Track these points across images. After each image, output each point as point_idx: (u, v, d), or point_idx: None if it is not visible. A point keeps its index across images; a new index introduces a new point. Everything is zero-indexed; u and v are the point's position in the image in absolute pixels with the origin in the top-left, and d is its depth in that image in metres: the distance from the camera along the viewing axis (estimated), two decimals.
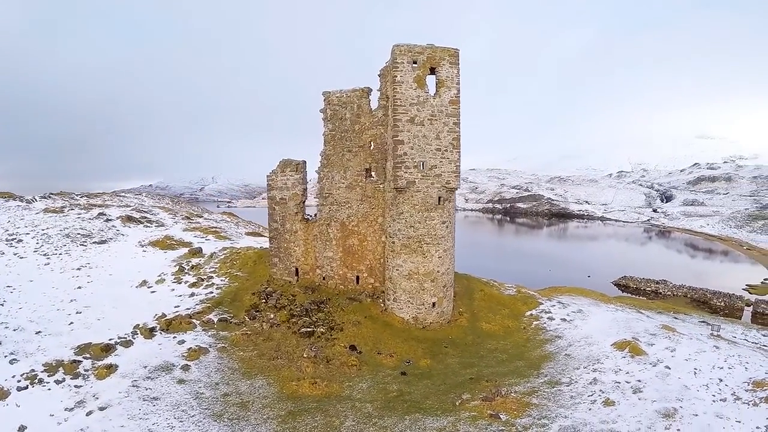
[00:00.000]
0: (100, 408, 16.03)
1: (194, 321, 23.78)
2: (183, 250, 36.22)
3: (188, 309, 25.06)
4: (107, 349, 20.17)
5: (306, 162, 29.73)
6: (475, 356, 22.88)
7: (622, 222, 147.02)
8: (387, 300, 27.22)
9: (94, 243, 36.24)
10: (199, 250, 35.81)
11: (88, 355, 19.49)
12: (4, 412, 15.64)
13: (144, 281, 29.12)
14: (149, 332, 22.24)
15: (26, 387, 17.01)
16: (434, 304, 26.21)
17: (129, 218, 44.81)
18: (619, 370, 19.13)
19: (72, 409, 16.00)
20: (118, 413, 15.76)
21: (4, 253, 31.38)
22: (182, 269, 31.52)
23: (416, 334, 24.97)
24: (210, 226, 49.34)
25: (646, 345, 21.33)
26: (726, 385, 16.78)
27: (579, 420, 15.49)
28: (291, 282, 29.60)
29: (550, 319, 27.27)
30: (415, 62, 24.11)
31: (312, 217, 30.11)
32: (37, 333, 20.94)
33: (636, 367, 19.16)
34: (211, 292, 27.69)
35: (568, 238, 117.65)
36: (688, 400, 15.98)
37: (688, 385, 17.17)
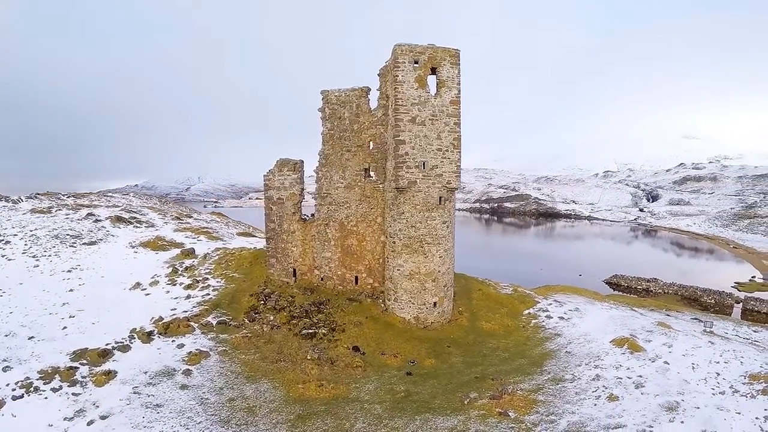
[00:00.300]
0: (101, 417, 15.50)
1: (192, 324, 23.30)
2: (175, 251, 35.52)
3: (185, 312, 24.55)
4: (104, 354, 19.61)
5: (304, 162, 29.47)
6: (478, 355, 22.97)
7: (609, 221, 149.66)
8: (388, 300, 27.13)
9: (83, 244, 35.26)
10: (191, 251, 35.16)
11: (85, 361, 18.91)
12: (0, 422, 14.98)
13: (137, 283, 28.43)
14: (147, 336, 21.72)
15: (21, 396, 16.35)
16: (435, 303, 26.23)
17: (118, 218, 43.75)
18: (620, 366, 19.41)
19: (72, 419, 15.41)
20: (121, 422, 15.24)
21: None
22: (176, 270, 30.88)
23: (418, 334, 24.95)
24: (201, 227, 48.53)
25: (643, 341, 21.75)
26: (724, 378, 17.19)
27: (586, 415, 15.67)
28: (289, 283, 29.27)
29: (548, 317, 27.55)
30: (416, 62, 24.06)
31: (309, 217, 29.82)
32: (30, 338, 20.25)
33: (636, 363, 19.49)
34: (208, 294, 27.18)
35: (557, 238, 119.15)
36: (689, 394, 16.30)
37: (687, 379, 17.53)
